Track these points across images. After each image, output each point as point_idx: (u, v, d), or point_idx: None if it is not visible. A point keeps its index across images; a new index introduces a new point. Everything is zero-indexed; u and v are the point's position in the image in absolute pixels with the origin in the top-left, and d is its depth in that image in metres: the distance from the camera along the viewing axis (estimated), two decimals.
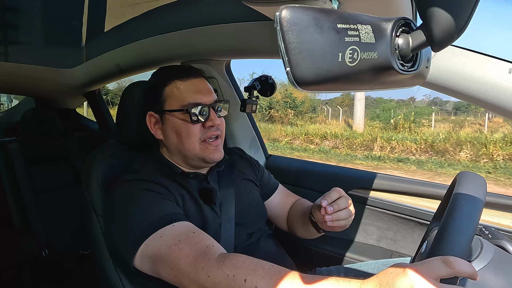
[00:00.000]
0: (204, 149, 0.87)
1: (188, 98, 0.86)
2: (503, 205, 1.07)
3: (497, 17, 5.25)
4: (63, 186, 1.88)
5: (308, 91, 0.33)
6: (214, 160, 0.89)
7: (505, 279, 0.52)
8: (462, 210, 0.52)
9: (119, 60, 1.42)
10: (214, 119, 0.87)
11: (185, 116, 0.86)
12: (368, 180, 1.30)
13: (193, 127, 0.86)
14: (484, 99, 0.66)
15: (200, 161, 0.88)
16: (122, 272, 0.91)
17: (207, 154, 0.87)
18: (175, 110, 0.87)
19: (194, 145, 0.86)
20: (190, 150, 0.87)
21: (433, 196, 1.20)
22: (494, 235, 0.70)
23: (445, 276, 0.45)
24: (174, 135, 0.88)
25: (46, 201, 1.79)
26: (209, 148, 0.87)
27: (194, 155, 0.87)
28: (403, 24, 0.39)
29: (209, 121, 0.87)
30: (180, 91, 0.88)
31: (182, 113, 0.86)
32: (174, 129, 0.87)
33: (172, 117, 0.87)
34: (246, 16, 0.93)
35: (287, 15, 0.31)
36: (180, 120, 0.86)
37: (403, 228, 1.25)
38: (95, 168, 0.95)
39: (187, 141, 0.86)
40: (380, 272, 0.50)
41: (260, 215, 0.99)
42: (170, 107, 0.88)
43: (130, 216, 0.75)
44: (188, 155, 0.88)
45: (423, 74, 0.45)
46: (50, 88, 1.85)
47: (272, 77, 1.29)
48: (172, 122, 0.87)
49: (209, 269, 0.62)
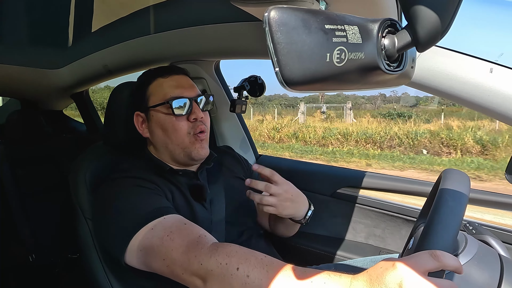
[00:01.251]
0: (193, 142, 0.87)
1: (170, 93, 0.87)
2: (486, 201, 1.10)
3: (478, 18, 5.48)
4: (50, 189, 1.84)
5: (297, 91, 0.34)
6: (200, 157, 0.89)
7: (488, 272, 0.54)
8: (447, 206, 0.53)
9: (107, 60, 1.40)
10: (198, 112, 0.88)
11: (168, 110, 0.86)
12: (356, 179, 1.32)
13: (177, 121, 0.86)
14: (467, 98, 0.68)
15: (187, 157, 0.88)
16: (112, 274, 0.90)
17: (193, 150, 0.87)
18: (158, 104, 0.87)
19: (182, 139, 0.87)
20: (178, 144, 0.87)
21: (419, 193, 1.22)
22: (477, 231, 0.72)
23: (433, 269, 0.46)
24: (160, 131, 0.88)
25: (33, 204, 1.76)
26: (197, 143, 0.87)
27: (181, 150, 0.87)
28: (388, 24, 0.40)
29: (192, 114, 0.87)
30: (162, 87, 0.89)
31: (165, 107, 0.87)
32: (159, 125, 0.88)
33: (156, 113, 0.88)
34: (235, 17, 0.93)
35: (275, 15, 0.31)
36: (164, 114, 0.87)
37: (390, 225, 1.27)
38: (83, 171, 0.94)
39: (174, 136, 0.87)
40: (370, 267, 0.51)
41: (251, 213, 1.00)
42: (153, 103, 0.88)
43: (120, 211, 0.75)
44: (176, 150, 0.88)
45: (409, 74, 0.46)
46: (36, 89, 1.82)
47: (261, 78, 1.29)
48: (157, 118, 0.88)
49: (202, 257, 0.62)
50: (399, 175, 2.02)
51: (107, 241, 0.79)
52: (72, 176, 0.96)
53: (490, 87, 0.65)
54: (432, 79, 0.71)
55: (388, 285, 0.46)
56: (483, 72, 0.65)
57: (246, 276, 0.57)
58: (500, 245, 0.67)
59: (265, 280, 0.56)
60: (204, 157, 0.90)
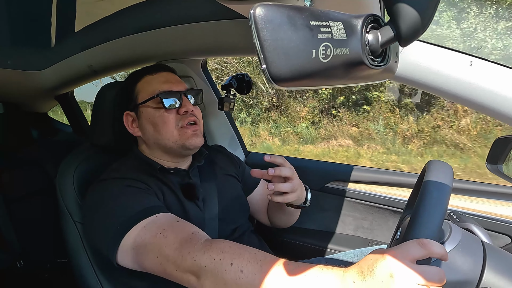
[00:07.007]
0: (183, 134, 0.86)
1: (159, 88, 0.87)
2: (468, 190, 1.14)
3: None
4: (36, 193, 1.80)
5: (284, 87, 0.34)
6: (194, 145, 0.88)
7: (472, 259, 0.56)
8: (432, 197, 0.55)
9: (92, 61, 1.38)
10: (188, 104, 0.88)
11: (158, 104, 0.86)
12: (344, 173, 1.34)
13: (168, 114, 0.86)
14: (448, 91, 0.70)
15: (180, 148, 0.87)
16: (103, 277, 0.89)
17: (186, 139, 0.86)
18: (147, 100, 0.87)
19: (171, 132, 0.86)
20: (169, 138, 0.86)
21: (405, 185, 1.25)
22: (461, 219, 0.74)
23: (420, 257, 0.47)
24: (150, 127, 0.87)
25: (19, 209, 1.71)
26: (187, 132, 0.87)
27: (173, 143, 0.86)
28: (372, 20, 0.40)
29: (182, 107, 0.87)
30: (150, 83, 0.89)
31: (154, 101, 0.86)
32: (149, 120, 0.87)
33: (145, 109, 0.87)
34: (221, 15, 0.93)
35: (261, 13, 0.32)
36: (153, 109, 0.87)
37: (378, 217, 1.30)
38: (70, 173, 0.93)
39: (163, 129, 0.86)
40: (360, 260, 0.52)
41: (243, 210, 1.00)
42: (142, 99, 0.88)
43: (111, 211, 0.74)
44: (167, 144, 0.87)
45: (392, 68, 0.47)
46: (19, 91, 1.77)
47: (249, 75, 1.30)
48: (147, 113, 0.87)
49: (195, 253, 0.61)
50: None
51: (98, 243, 0.77)
52: (59, 179, 0.95)
53: (470, 79, 0.67)
54: (414, 73, 0.72)
55: (379, 276, 0.47)
56: (463, 65, 0.67)
57: (239, 271, 0.57)
58: (482, 232, 0.69)
59: (259, 275, 0.56)
60: (198, 145, 0.89)
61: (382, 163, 5.25)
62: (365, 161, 5.36)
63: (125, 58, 1.32)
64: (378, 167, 1.35)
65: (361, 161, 5.38)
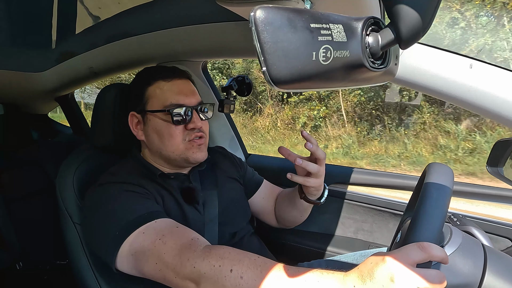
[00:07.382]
0: (189, 148, 0.86)
1: (170, 99, 0.85)
2: (469, 192, 1.14)
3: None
4: (36, 194, 1.80)
5: (285, 89, 0.34)
6: (197, 161, 0.88)
7: (473, 262, 0.56)
8: (433, 199, 0.55)
9: (92, 63, 1.38)
10: (197, 121, 0.86)
11: (166, 117, 0.84)
12: (344, 175, 1.33)
13: (175, 128, 0.84)
14: (448, 93, 0.70)
15: (184, 161, 0.87)
16: (102, 280, 0.89)
17: (190, 154, 0.86)
18: (157, 110, 0.85)
19: (177, 146, 0.85)
20: (174, 152, 0.85)
21: (406, 187, 1.25)
22: (461, 222, 0.74)
23: (421, 260, 0.47)
24: (155, 136, 0.86)
25: (19, 210, 1.71)
26: (193, 147, 0.86)
27: (177, 156, 0.86)
28: (372, 23, 0.40)
29: (191, 123, 0.85)
30: (163, 91, 0.86)
31: (164, 114, 0.84)
32: (156, 130, 0.86)
33: (154, 118, 0.86)
34: (221, 17, 0.93)
35: (261, 15, 0.31)
36: (162, 121, 0.85)
37: (378, 219, 1.30)
38: (70, 174, 0.92)
39: (169, 142, 0.85)
40: (361, 263, 0.52)
41: (244, 214, 0.99)
42: (152, 107, 0.86)
43: (110, 217, 0.73)
44: (171, 156, 0.86)
45: (393, 71, 0.47)
46: (20, 93, 1.77)
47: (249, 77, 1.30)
48: (154, 123, 0.86)
49: (195, 260, 0.61)
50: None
51: (97, 247, 0.77)
52: (59, 180, 0.94)
53: (470, 82, 0.67)
54: (415, 75, 0.72)
55: (380, 279, 0.47)
56: (464, 68, 0.67)
57: (239, 277, 0.57)
58: (483, 235, 0.69)
59: (259, 280, 0.56)
60: (201, 160, 0.88)
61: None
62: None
63: (126, 60, 1.33)
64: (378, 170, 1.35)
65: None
